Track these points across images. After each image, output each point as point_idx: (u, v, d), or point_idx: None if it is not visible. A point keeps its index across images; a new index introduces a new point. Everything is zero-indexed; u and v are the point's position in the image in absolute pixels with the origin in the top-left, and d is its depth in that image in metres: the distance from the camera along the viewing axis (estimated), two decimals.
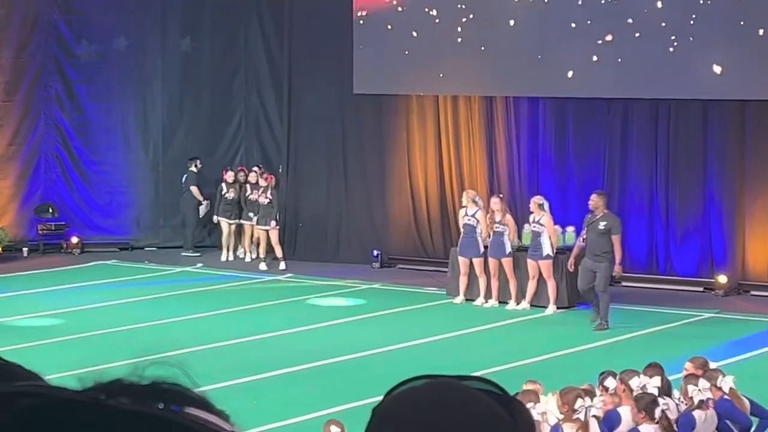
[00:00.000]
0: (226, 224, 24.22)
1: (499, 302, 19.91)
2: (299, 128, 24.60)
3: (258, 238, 23.65)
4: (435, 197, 23.27)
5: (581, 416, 9.83)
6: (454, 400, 1.55)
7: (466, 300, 20.10)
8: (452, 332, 17.93)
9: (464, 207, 20.38)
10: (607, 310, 18.08)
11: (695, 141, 21.12)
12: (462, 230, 20.34)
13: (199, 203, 24.82)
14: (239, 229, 24.35)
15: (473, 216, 20.06)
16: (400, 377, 1.64)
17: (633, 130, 21.62)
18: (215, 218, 24.32)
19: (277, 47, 24.98)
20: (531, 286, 19.61)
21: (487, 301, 19.98)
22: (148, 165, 25.66)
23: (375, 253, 23.28)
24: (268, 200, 23.30)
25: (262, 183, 23.45)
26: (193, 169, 24.85)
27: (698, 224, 21.15)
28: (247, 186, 23.97)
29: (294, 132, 24.66)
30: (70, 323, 18.49)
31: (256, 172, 23.95)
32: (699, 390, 10.35)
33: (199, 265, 23.73)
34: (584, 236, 18.48)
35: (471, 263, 20.02)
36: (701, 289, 20.99)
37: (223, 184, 24.20)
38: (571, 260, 18.73)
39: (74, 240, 25.06)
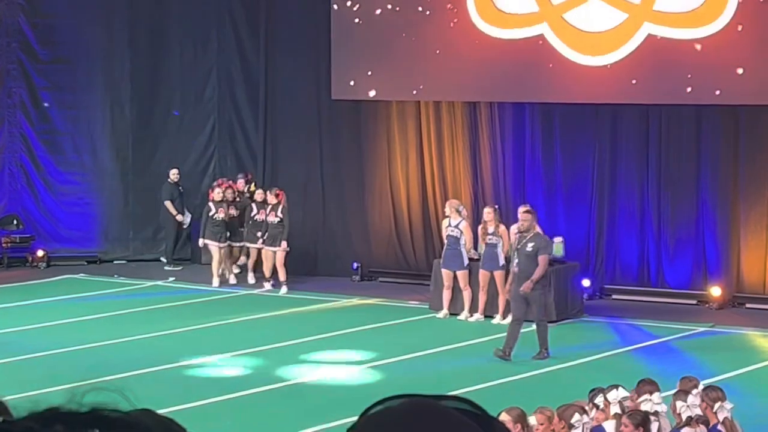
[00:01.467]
0: (216, 248, 22.33)
1: (485, 316, 19.34)
2: (276, 135, 24.21)
3: (258, 260, 22.21)
4: (417, 207, 22.85)
5: None
6: (430, 422, 1.54)
7: (450, 314, 19.58)
8: (435, 348, 17.60)
9: (447, 217, 20.03)
10: (547, 337, 16.73)
11: (688, 148, 20.85)
12: (445, 242, 19.89)
13: (176, 216, 24.10)
14: (228, 252, 22.82)
15: (457, 227, 19.68)
16: (379, 395, 1.63)
17: (623, 137, 21.31)
18: (201, 241, 22.58)
19: (252, 51, 24.50)
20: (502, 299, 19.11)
21: (472, 315, 19.50)
22: (117, 174, 25.10)
23: (355, 265, 22.92)
24: (279, 219, 21.74)
25: (272, 200, 21.73)
26: (171, 179, 24.16)
27: (691, 234, 20.83)
28: (253, 205, 22.16)
29: (270, 139, 24.24)
30: (28, 341, 17.89)
31: (263, 189, 22.24)
32: (687, 406, 10.20)
33: (171, 279, 23.15)
34: (516, 258, 17.01)
35: (455, 276, 19.47)
36: (695, 302, 20.66)
37: (211, 204, 22.46)
38: (507, 287, 17.59)
39: (40, 253, 24.50)
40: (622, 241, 21.31)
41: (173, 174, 24.32)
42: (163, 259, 24.51)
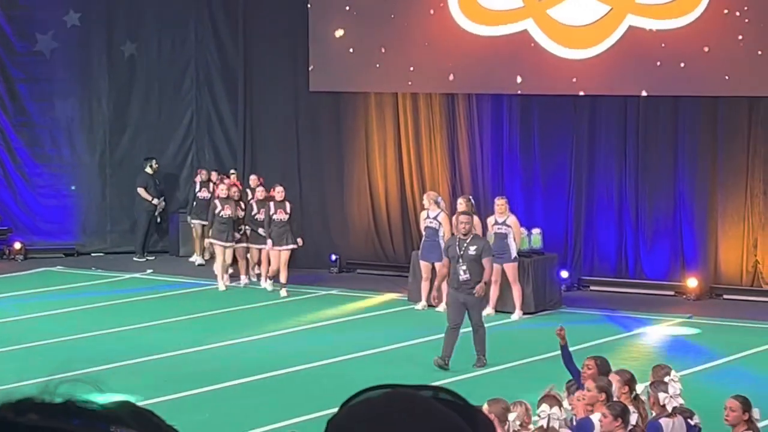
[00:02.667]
0: (220, 249, 21.12)
1: None
2: (254, 127, 24.15)
3: (262, 259, 21.18)
4: (395, 199, 22.80)
5: (544, 423, 9.80)
6: (411, 412, 1.52)
7: (429, 306, 19.48)
8: (414, 340, 17.56)
9: (426, 209, 19.89)
10: (485, 344, 15.91)
11: (665, 139, 20.83)
12: (423, 233, 19.81)
13: (150, 203, 24.05)
14: (243, 254, 21.50)
15: (435, 218, 19.66)
16: (358, 387, 1.61)
17: (601, 128, 21.32)
18: (207, 242, 22.10)
19: (230, 43, 24.42)
20: (494, 291, 19.12)
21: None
22: (94, 167, 24.96)
23: (333, 257, 22.80)
24: (287, 216, 20.65)
25: (278, 197, 20.66)
26: (148, 170, 24.16)
27: (669, 226, 20.83)
28: (253, 203, 21.11)
29: (248, 131, 24.11)
30: (3, 334, 17.73)
31: (262, 186, 21.31)
32: (670, 397, 10.15)
33: (149, 271, 23.07)
34: (462, 269, 15.89)
35: (433, 267, 19.42)
36: (672, 293, 20.63)
37: (217, 201, 21.19)
38: (434, 293, 16.65)
39: (17, 246, 24.31)
40: (600, 233, 21.31)
41: (150, 165, 24.24)
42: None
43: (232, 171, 23.36)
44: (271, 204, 20.63)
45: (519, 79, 21.16)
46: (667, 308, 19.66)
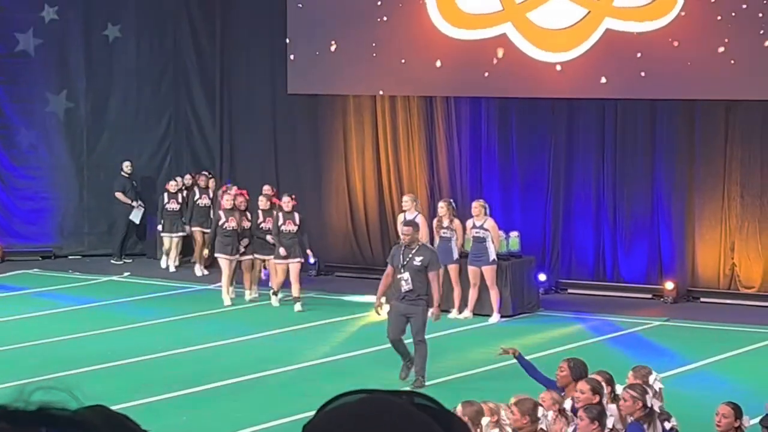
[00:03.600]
0: (226, 261, 20.19)
1: (442, 311, 19.26)
2: (232, 130, 24.13)
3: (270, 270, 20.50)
4: (373, 202, 22.79)
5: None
6: (388, 417, 1.52)
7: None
8: (387, 344, 17.27)
9: (403, 212, 19.83)
10: (425, 363, 15.08)
11: (643, 142, 20.88)
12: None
13: (130, 206, 23.99)
14: (238, 266, 20.56)
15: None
16: (335, 391, 1.62)
17: (579, 131, 21.30)
18: (206, 252, 21.37)
19: (208, 45, 24.42)
20: (473, 294, 19.13)
21: (428, 310, 19.32)
22: (72, 169, 24.84)
23: (311, 260, 22.66)
24: (297, 227, 19.87)
25: (287, 206, 19.91)
26: (124, 171, 24.06)
27: (646, 229, 20.87)
28: (259, 212, 20.39)
29: (226, 134, 24.08)
30: None
31: (266, 195, 20.58)
32: (653, 398, 10.10)
33: (126, 273, 22.98)
34: (404, 278, 15.16)
35: None
36: (650, 296, 20.64)
37: (221, 213, 20.37)
38: (378, 301, 15.63)
39: None
40: (578, 236, 21.35)
41: (126, 167, 24.21)
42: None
43: (223, 181, 23.00)
44: (280, 214, 19.87)
45: (497, 82, 21.17)
46: (644, 311, 19.69)
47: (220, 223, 20.19)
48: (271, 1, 23.19)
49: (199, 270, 22.75)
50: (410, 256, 15.16)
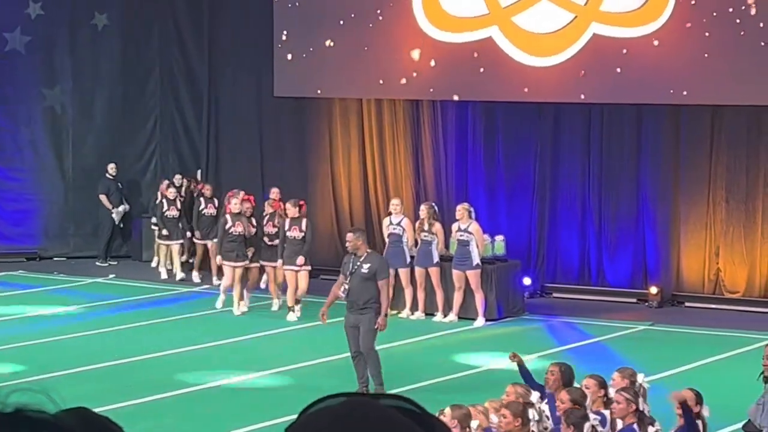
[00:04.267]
0: (230, 269, 19.52)
1: (426, 314, 19.30)
2: (218, 132, 24.05)
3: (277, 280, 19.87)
4: (359, 205, 22.78)
5: None
6: (370, 420, 1.53)
7: (392, 312, 19.44)
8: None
9: (389, 215, 19.87)
10: (380, 371, 14.60)
11: (629, 147, 20.90)
12: (387, 240, 19.75)
13: (110, 210, 23.97)
14: (245, 274, 19.91)
15: (399, 224, 19.61)
16: (318, 395, 1.61)
17: (564, 135, 21.30)
18: (219, 260, 19.89)
19: (195, 47, 24.34)
20: (457, 298, 19.13)
21: (413, 313, 19.43)
22: (57, 171, 24.76)
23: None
24: (302, 234, 19.28)
25: (292, 213, 19.25)
26: (108, 173, 24.00)
27: (631, 233, 20.89)
28: (266, 217, 19.94)
29: (212, 136, 24.04)
30: None
31: (272, 200, 20.22)
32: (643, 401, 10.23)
33: (112, 276, 22.91)
34: (345, 286, 14.84)
35: (396, 273, 19.42)
36: (635, 300, 20.64)
37: (228, 217, 19.80)
38: (324, 309, 15.16)
39: None
40: (563, 240, 21.36)
41: (111, 168, 24.16)
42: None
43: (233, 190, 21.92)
44: (287, 220, 19.32)
45: (483, 86, 21.18)
46: (629, 315, 19.69)
47: (227, 227, 19.61)
48: (258, 4, 23.16)
49: (197, 277, 22.19)
50: (358, 264, 14.76)
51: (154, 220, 22.96)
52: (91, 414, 1.50)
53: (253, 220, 19.96)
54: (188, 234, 22.63)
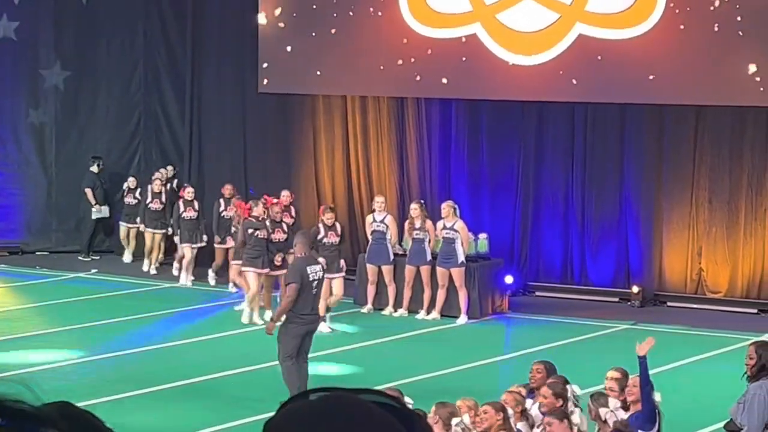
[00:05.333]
0: (254, 276, 18.43)
1: (409, 311, 19.31)
2: (201, 128, 23.98)
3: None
4: (342, 202, 22.76)
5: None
6: (348, 415, 1.52)
7: (375, 309, 19.48)
8: (359, 343, 17.43)
9: (372, 212, 19.85)
10: (289, 387, 13.45)
11: (612, 146, 20.92)
12: (370, 237, 19.77)
13: (92, 206, 23.91)
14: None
15: (382, 221, 19.60)
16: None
17: (548, 135, 21.32)
18: (236, 268, 19.17)
19: (179, 43, 24.30)
20: (441, 295, 19.18)
21: (396, 311, 19.45)
22: (39, 165, 24.68)
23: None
24: (339, 238, 18.57)
25: (328, 219, 18.55)
26: (93, 169, 23.98)
27: (614, 232, 20.91)
28: (279, 219, 18.86)
29: (196, 132, 23.98)
30: None
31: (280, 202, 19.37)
32: (612, 411, 10.14)
33: (94, 270, 22.88)
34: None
35: (380, 271, 19.42)
36: (617, 299, 20.67)
37: (252, 220, 18.48)
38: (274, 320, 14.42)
39: None
40: (546, 239, 21.37)
41: (96, 164, 24.08)
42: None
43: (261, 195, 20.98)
44: (320, 226, 18.53)
45: (466, 84, 21.15)
46: (611, 315, 19.69)
47: (250, 232, 18.32)
48: (242, 0, 23.11)
49: (212, 279, 21.46)
50: None
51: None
52: (73, 408, 1.49)
53: (284, 226, 18.79)
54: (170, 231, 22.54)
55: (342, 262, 18.62)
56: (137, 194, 23.30)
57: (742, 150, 20.02)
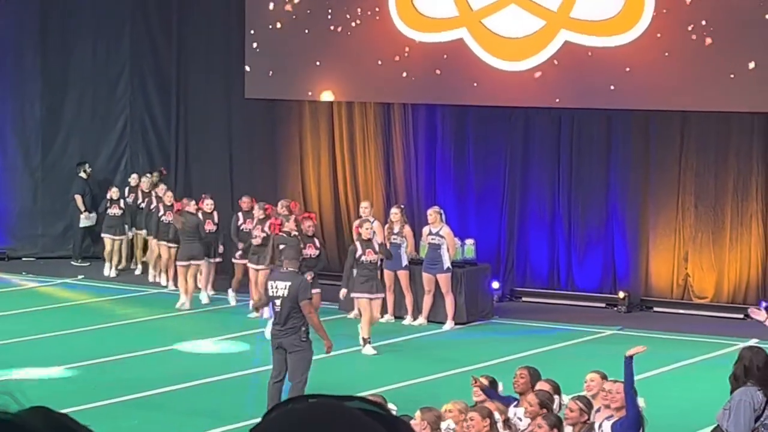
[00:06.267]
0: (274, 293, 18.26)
1: (395, 317, 19.31)
2: (187, 133, 23.96)
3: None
4: (329, 207, 22.76)
5: None
6: (334, 422, 1.53)
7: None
8: (345, 349, 17.34)
9: (360, 217, 19.84)
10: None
11: (598, 152, 20.95)
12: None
13: (81, 213, 23.86)
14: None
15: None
16: (283, 397, 1.77)
17: (535, 140, 21.34)
18: (261, 286, 16.99)
19: (165, 48, 24.29)
20: (427, 301, 19.14)
21: (382, 316, 19.38)
22: (25, 170, 24.62)
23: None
24: (378, 259, 17.67)
25: (367, 235, 17.69)
26: (82, 174, 23.95)
27: (601, 238, 20.93)
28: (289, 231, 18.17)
29: (182, 137, 23.94)
30: None
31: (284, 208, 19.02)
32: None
33: (81, 276, 22.80)
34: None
35: None
36: (604, 305, 20.69)
37: (283, 234, 17.97)
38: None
39: None
40: (533, 244, 21.39)
41: (84, 169, 24.02)
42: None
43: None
44: (358, 244, 17.83)
45: (452, 90, 21.13)
46: (598, 320, 19.72)
47: (281, 248, 17.15)
48: (228, 4, 23.10)
49: (233, 299, 20.44)
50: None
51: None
52: (53, 413, 1.49)
53: (316, 241, 18.23)
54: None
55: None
56: (121, 204, 23.07)
57: (727, 155, 20.05)
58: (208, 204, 20.53)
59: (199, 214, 20.31)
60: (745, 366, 10.04)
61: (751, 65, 19.10)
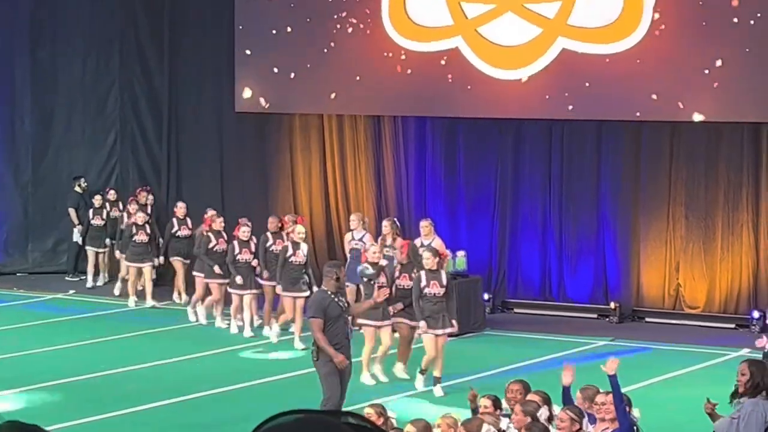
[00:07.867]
0: (290, 301, 18.32)
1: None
2: (178, 147, 23.95)
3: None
4: (320, 220, 22.75)
5: None
6: None
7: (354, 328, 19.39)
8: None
9: (351, 231, 19.80)
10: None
11: (589, 163, 20.95)
12: (348, 255, 19.70)
13: (74, 226, 23.82)
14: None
15: (360, 240, 19.52)
16: (278, 410, 1.62)
17: (526, 151, 21.32)
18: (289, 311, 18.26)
19: (155, 63, 24.23)
20: None
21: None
22: (16, 185, 24.57)
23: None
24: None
25: (401, 259, 17.17)
26: (77, 189, 23.89)
27: (592, 249, 20.94)
28: (269, 235, 18.87)
29: (173, 152, 23.93)
30: None
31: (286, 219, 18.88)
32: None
33: (72, 292, 22.76)
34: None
35: (358, 289, 19.32)
36: (595, 315, 20.68)
37: (289, 245, 18.35)
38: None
39: None
40: (524, 255, 21.39)
41: (79, 183, 23.97)
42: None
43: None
44: (397, 268, 17.07)
45: (447, 101, 21.09)
46: (589, 331, 19.72)
47: (287, 256, 18.21)
48: (219, 19, 23.09)
49: (257, 321, 19.53)
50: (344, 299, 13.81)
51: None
52: (22, 424, 1.49)
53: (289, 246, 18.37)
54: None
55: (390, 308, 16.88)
56: (103, 215, 23.04)
57: (717, 165, 20.08)
58: (244, 231, 19.45)
59: (235, 243, 19.40)
60: (757, 383, 10.06)
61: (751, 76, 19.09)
